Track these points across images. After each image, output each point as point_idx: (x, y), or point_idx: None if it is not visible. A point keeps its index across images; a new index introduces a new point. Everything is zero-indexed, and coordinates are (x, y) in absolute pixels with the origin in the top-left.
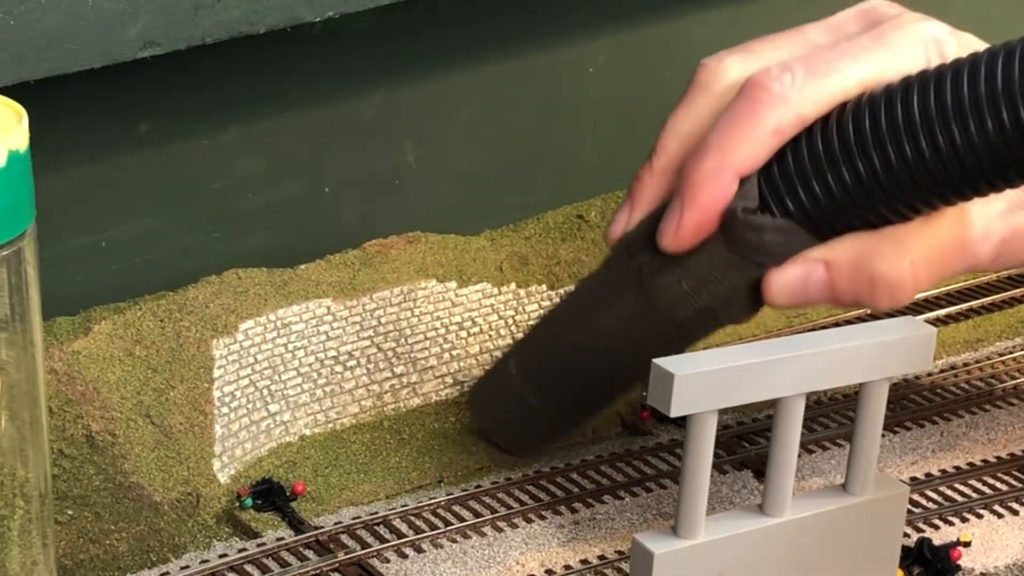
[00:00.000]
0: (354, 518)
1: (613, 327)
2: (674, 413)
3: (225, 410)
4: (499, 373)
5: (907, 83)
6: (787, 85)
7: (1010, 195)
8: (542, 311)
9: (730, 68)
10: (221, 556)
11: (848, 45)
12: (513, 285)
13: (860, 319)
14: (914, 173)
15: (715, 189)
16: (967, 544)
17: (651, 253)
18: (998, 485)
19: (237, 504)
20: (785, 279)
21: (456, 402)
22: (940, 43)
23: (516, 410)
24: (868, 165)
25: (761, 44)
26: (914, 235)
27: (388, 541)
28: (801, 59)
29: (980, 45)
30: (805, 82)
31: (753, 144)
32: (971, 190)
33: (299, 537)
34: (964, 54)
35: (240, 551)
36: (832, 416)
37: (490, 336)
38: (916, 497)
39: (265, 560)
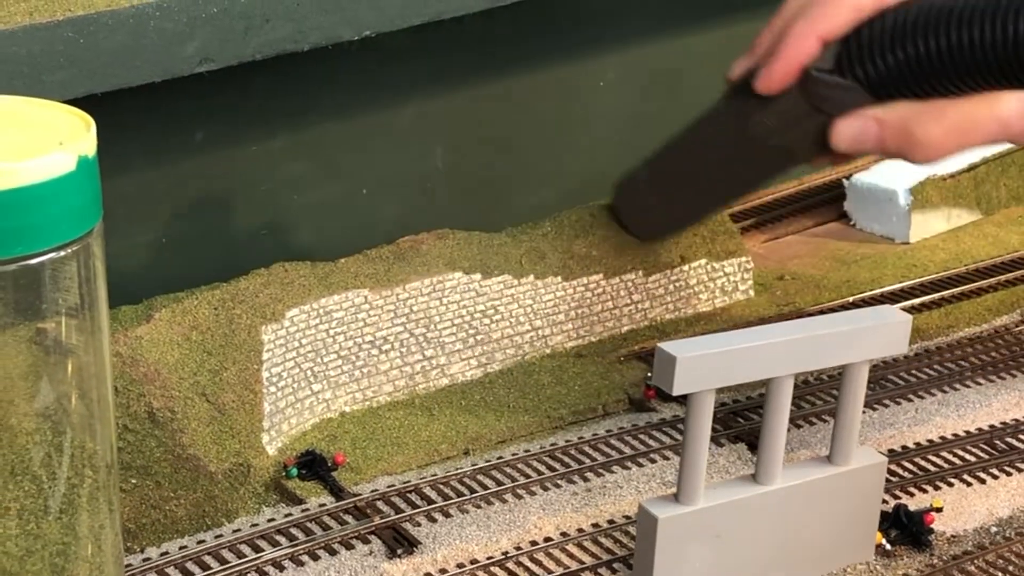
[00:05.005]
0: (389, 486)
1: (717, 148)
2: (676, 392)
3: (273, 389)
4: (635, 173)
5: None
6: None
7: None
8: (562, 291)
9: None
10: (269, 520)
11: None
12: (531, 277)
13: (843, 307)
14: (953, 60)
15: (799, 47)
16: (939, 510)
17: (751, 94)
18: (967, 457)
19: (284, 474)
20: (847, 128)
21: (480, 382)
22: None
23: (642, 204)
24: (918, 48)
25: None
26: (952, 107)
27: (419, 507)
28: None
29: None
30: None
31: (835, 16)
32: (1001, 82)
33: (339, 503)
34: None
35: (286, 516)
36: (818, 395)
37: (511, 323)
38: (893, 467)
39: (309, 524)
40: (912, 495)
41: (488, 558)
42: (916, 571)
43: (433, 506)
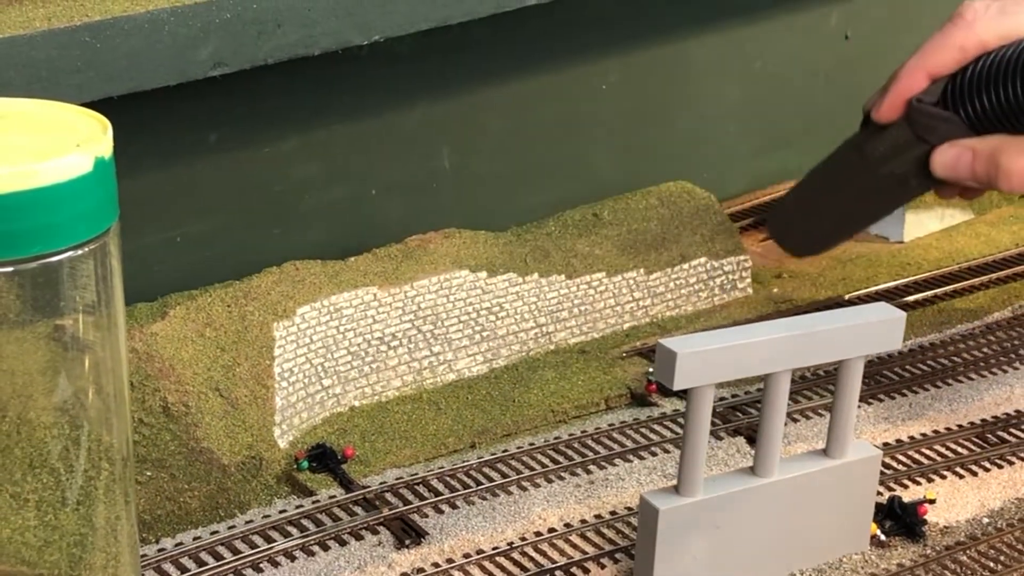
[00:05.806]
0: (397, 478)
1: (846, 176)
2: (677, 387)
3: (284, 384)
4: (785, 198)
5: None
6: (979, 15)
7: None
8: (565, 289)
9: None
10: (281, 512)
11: None
12: (536, 275)
13: (839, 305)
14: None
15: (908, 81)
16: (933, 501)
17: (872, 123)
18: (960, 450)
19: (295, 466)
20: (944, 156)
21: (486, 377)
22: None
23: (788, 225)
24: (1007, 89)
25: None
26: None
27: (427, 499)
28: (1009, 1)
29: None
30: (993, 17)
31: (941, 55)
32: None
33: (349, 495)
34: None
35: (297, 507)
36: (815, 389)
37: (516, 320)
38: (888, 460)
39: (319, 515)
40: (906, 487)
41: (494, 548)
42: (910, 561)
43: (440, 498)
